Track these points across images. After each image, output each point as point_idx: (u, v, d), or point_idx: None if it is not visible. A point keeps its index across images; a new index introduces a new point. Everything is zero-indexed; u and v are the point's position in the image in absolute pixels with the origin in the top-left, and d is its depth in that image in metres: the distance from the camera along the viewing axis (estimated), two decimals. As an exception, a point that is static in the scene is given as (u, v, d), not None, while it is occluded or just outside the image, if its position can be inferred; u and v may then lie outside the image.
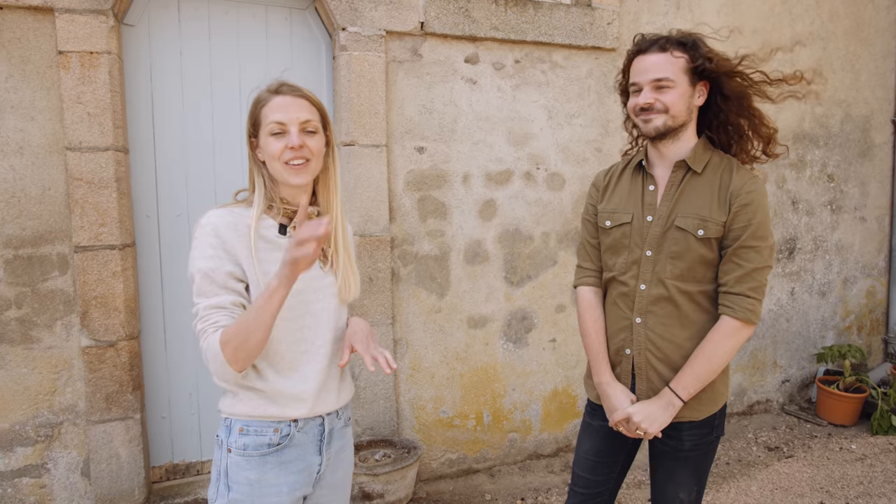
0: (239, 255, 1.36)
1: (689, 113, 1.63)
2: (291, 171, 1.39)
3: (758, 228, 1.56)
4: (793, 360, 4.22)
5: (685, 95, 1.60)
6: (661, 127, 1.61)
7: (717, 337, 1.59)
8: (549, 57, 3.31)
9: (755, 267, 1.56)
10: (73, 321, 2.55)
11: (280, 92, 1.40)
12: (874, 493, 3.11)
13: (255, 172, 1.45)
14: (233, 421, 1.40)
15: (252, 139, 1.45)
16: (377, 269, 3.00)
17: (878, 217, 4.39)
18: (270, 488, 1.39)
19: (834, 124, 4.16)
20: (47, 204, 2.50)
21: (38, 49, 2.44)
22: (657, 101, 1.58)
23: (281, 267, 1.25)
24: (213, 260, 1.34)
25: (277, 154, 1.38)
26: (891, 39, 4.27)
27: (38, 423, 2.54)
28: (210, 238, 1.35)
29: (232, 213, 1.40)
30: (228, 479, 1.39)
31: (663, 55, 1.58)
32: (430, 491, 3.14)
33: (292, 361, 1.42)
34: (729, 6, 3.73)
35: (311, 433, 1.46)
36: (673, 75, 1.58)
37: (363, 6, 2.87)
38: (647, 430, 1.62)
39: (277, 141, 1.38)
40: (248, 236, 1.37)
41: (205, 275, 1.33)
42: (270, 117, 1.38)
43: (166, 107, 2.76)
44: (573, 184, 3.42)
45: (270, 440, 1.39)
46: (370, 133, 2.93)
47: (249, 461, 1.38)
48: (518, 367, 3.39)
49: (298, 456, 1.44)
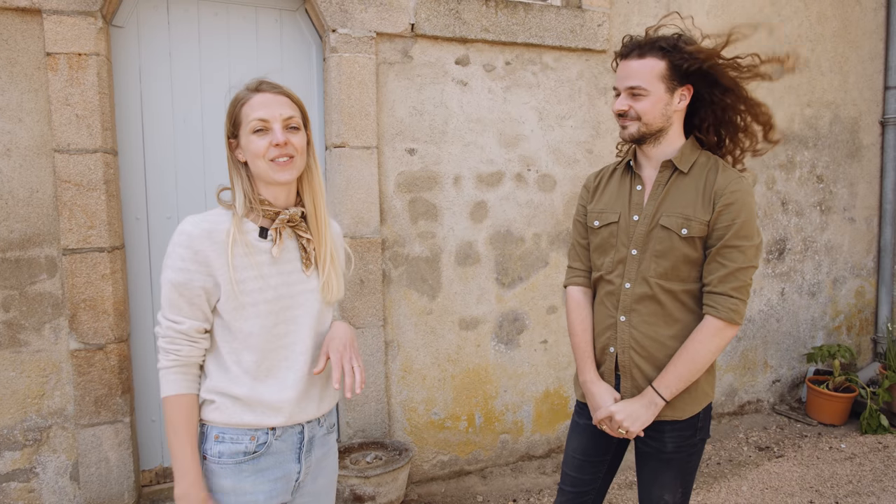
0: (213, 264, 1.34)
1: (666, 119, 1.64)
2: (277, 168, 1.37)
3: (741, 228, 1.56)
4: (783, 360, 4.24)
5: (660, 103, 1.61)
6: (635, 134, 1.64)
7: (700, 336, 1.59)
8: (539, 59, 3.32)
9: (739, 267, 1.57)
10: (62, 324, 2.53)
11: (260, 90, 1.38)
12: (863, 492, 3.13)
13: (234, 174, 1.42)
14: (209, 428, 1.38)
15: (231, 140, 1.42)
16: (368, 270, 2.99)
17: (866, 217, 4.42)
18: (246, 496, 1.37)
19: (823, 125, 4.19)
20: (35, 206, 2.48)
21: (26, 51, 2.43)
22: (630, 108, 1.62)
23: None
24: (183, 273, 1.33)
25: (262, 152, 1.35)
26: (878, 42, 4.31)
27: (26, 427, 2.52)
28: (182, 249, 1.33)
29: (208, 220, 1.37)
30: (209, 484, 1.38)
31: (640, 62, 1.61)
32: (421, 493, 3.14)
33: (270, 368, 1.40)
34: (718, 8, 3.76)
35: (290, 441, 1.43)
36: (647, 84, 1.59)
37: (353, 8, 2.87)
38: (629, 428, 1.63)
39: (261, 139, 1.35)
40: (226, 243, 1.35)
41: (174, 286, 1.33)
42: (252, 115, 1.36)
43: (156, 109, 2.75)
44: (564, 185, 3.43)
45: (246, 448, 1.37)
46: (361, 135, 2.93)
47: (224, 469, 1.36)
48: (510, 368, 3.40)
49: (276, 464, 1.41)
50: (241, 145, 1.40)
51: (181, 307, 1.34)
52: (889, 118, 4.32)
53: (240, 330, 1.37)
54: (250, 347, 1.37)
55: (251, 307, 1.36)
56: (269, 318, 1.38)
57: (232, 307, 1.36)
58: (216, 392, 1.37)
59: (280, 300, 1.39)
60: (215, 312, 1.38)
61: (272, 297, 1.37)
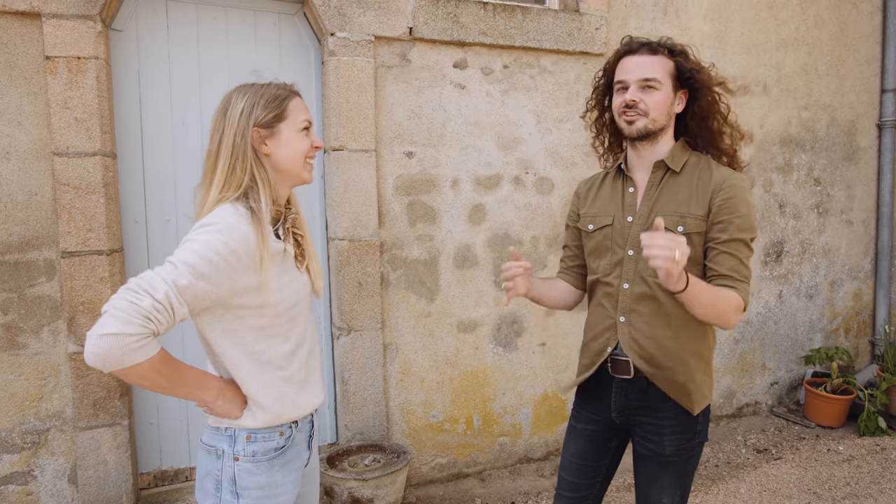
0: (239, 280, 1.28)
1: (669, 118, 1.66)
2: (309, 168, 1.45)
3: (744, 220, 1.58)
4: (781, 362, 4.25)
5: (668, 100, 1.63)
6: (641, 129, 1.63)
7: (728, 294, 1.54)
8: (537, 62, 3.33)
9: (747, 255, 1.60)
10: (60, 327, 2.53)
11: (297, 93, 1.46)
12: (861, 494, 3.14)
13: (256, 168, 1.36)
14: (237, 430, 1.40)
15: (259, 129, 1.36)
16: (366, 273, 3.00)
17: (864, 220, 4.43)
18: (278, 488, 1.43)
19: (820, 128, 4.21)
20: (34, 209, 2.48)
21: (25, 54, 2.44)
22: (641, 101, 1.61)
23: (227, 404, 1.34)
24: (209, 278, 1.23)
25: (306, 151, 1.43)
26: (875, 45, 4.33)
27: (24, 430, 2.52)
28: (225, 252, 1.24)
29: (248, 222, 1.30)
30: (237, 487, 1.39)
31: (654, 57, 1.62)
32: (420, 496, 3.14)
33: (308, 375, 1.48)
34: (715, 12, 3.77)
35: (305, 430, 1.52)
36: (661, 77, 1.61)
37: (352, 11, 2.88)
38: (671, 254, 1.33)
39: (307, 138, 1.43)
40: (256, 251, 1.29)
41: (193, 270, 1.21)
42: (301, 115, 1.42)
43: (155, 112, 2.75)
44: (562, 188, 3.44)
45: (277, 444, 1.42)
46: (359, 138, 2.94)
47: (259, 466, 1.40)
48: (508, 371, 3.40)
49: (296, 454, 1.48)
50: (275, 138, 1.38)
51: (187, 285, 1.20)
52: (886, 121, 4.33)
53: (274, 336, 1.39)
54: (293, 362, 1.43)
55: (286, 313, 1.41)
56: (305, 328, 1.46)
57: (271, 316, 1.37)
58: (258, 405, 1.39)
59: (300, 303, 1.44)
60: (244, 321, 1.34)
61: (300, 309, 1.43)
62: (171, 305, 1.18)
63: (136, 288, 1.17)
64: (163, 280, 1.18)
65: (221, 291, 1.26)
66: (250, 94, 1.39)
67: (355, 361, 3.01)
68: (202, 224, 1.28)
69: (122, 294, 1.17)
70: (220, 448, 1.40)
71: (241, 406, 1.38)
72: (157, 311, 1.16)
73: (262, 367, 1.38)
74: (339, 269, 2.96)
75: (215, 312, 1.32)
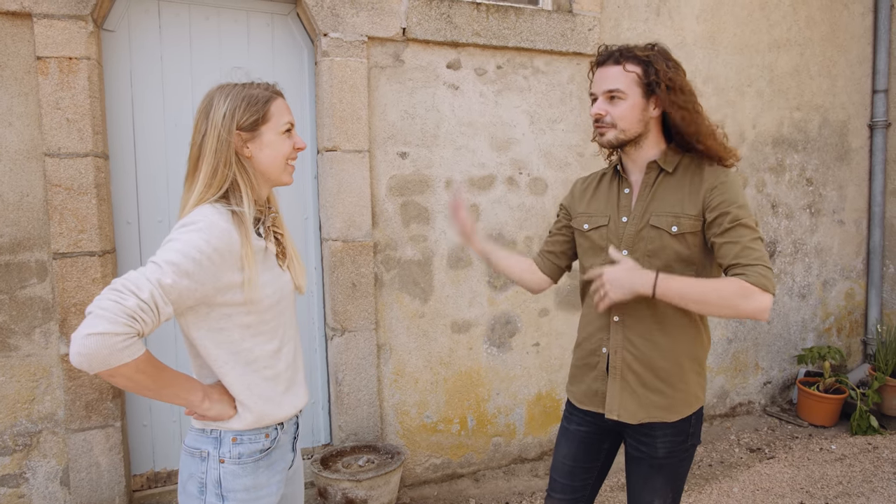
0: (222, 277, 1.28)
1: (643, 125, 1.66)
2: (290, 170, 1.45)
3: (740, 210, 1.56)
4: (774, 361, 4.27)
5: (636, 108, 1.63)
6: (613, 141, 1.66)
7: (721, 284, 1.50)
8: (530, 63, 3.33)
9: (752, 237, 1.53)
10: (52, 329, 2.52)
11: (280, 94, 1.45)
12: (853, 493, 3.15)
13: (238, 171, 1.36)
14: (222, 432, 1.40)
15: (243, 132, 1.37)
16: (360, 274, 3.00)
17: (856, 220, 4.46)
18: (263, 490, 1.42)
19: (812, 129, 4.23)
20: (25, 210, 2.47)
21: (16, 54, 2.43)
22: (607, 113, 1.64)
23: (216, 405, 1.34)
24: (193, 276, 1.23)
25: (288, 153, 1.42)
26: (866, 45, 4.35)
27: (16, 432, 2.51)
28: (208, 250, 1.25)
29: (230, 220, 1.31)
30: (222, 489, 1.38)
31: (616, 68, 1.63)
32: (414, 496, 3.14)
33: (294, 374, 1.48)
34: (708, 13, 3.78)
35: (290, 432, 1.52)
36: (624, 87, 1.61)
37: (345, 12, 2.88)
38: (608, 293, 1.56)
39: (289, 140, 1.43)
40: (239, 248, 1.30)
41: (177, 269, 1.21)
42: (283, 118, 1.41)
43: (147, 112, 2.75)
44: (556, 188, 3.44)
45: (263, 446, 1.42)
46: (352, 138, 2.93)
47: (245, 468, 1.40)
48: (502, 371, 3.40)
49: (281, 456, 1.48)
50: (257, 141, 1.39)
51: (172, 285, 1.20)
52: (877, 121, 4.36)
53: (260, 333, 1.39)
54: (278, 366, 1.43)
55: (270, 310, 1.40)
56: (287, 329, 1.45)
57: (256, 313, 1.37)
58: (245, 406, 1.39)
59: (282, 301, 1.44)
60: (231, 319, 1.35)
61: (280, 309, 1.42)
62: (157, 305, 1.18)
63: (120, 288, 1.16)
64: (147, 280, 1.18)
65: (206, 289, 1.26)
66: (232, 95, 1.38)
67: (349, 362, 3.01)
68: (183, 224, 1.28)
69: (107, 294, 1.16)
70: (204, 450, 1.40)
71: (231, 404, 1.37)
72: (142, 310, 1.16)
73: (247, 366, 1.37)
74: (333, 269, 2.95)
75: (200, 311, 1.31)
